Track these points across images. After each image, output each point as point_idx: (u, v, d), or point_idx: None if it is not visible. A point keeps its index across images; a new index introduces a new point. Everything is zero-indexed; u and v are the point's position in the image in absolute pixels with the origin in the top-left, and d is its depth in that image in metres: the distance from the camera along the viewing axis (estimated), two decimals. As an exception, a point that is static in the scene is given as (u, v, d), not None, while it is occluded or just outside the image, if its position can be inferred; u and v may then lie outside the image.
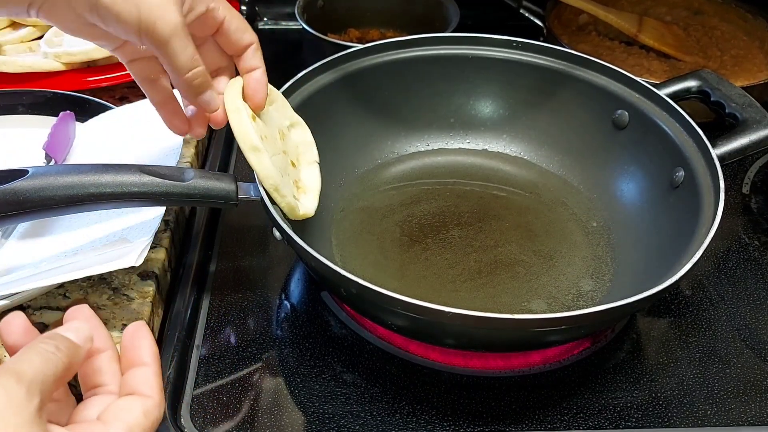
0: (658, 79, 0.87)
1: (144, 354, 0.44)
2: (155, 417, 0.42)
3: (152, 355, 0.44)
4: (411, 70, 0.75)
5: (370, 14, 1.02)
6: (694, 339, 0.63)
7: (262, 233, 0.71)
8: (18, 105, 0.76)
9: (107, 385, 0.43)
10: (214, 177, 0.57)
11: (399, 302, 0.50)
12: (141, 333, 0.45)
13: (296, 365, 0.59)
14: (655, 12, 1.04)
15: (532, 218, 0.71)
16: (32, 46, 0.86)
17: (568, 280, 0.65)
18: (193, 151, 0.77)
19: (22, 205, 0.51)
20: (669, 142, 0.66)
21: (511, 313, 0.49)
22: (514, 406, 0.57)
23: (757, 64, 0.94)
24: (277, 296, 0.66)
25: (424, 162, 0.77)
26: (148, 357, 0.44)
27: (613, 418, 0.56)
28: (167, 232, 0.66)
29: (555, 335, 0.56)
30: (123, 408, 0.41)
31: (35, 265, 0.59)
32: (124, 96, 0.84)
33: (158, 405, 0.42)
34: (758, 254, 0.72)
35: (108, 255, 0.57)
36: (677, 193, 0.64)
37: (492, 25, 0.86)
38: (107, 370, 0.44)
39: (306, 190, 0.61)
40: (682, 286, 0.68)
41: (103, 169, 0.54)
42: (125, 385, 0.43)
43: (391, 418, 0.56)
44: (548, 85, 0.75)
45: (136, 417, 0.40)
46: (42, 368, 0.37)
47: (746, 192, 0.79)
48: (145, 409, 0.41)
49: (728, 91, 0.69)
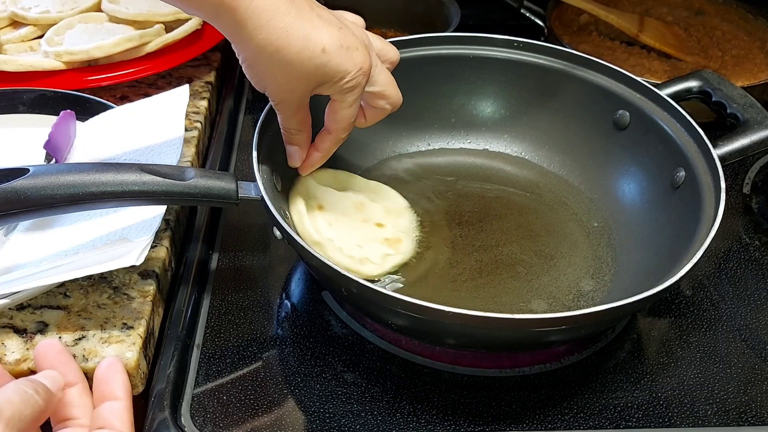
0: (659, 79, 0.87)
1: (116, 388, 0.44)
2: None
3: (125, 389, 0.45)
4: (412, 70, 0.75)
5: (371, 14, 1.01)
6: (695, 339, 0.63)
7: (263, 232, 0.71)
8: (18, 104, 0.76)
9: (78, 418, 0.44)
10: (214, 176, 0.57)
11: (399, 302, 0.50)
12: (115, 367, 0.46)
13: (297, 364, 0.59)
14: (656, 12, 1.04)
15: (532, 218, 0.71)
16: (33, 45, 0.86)
17: (569, 280, 0.65)
18: (194, 150, 0.77)
19: (23, 204, 0.52)
20: (670, 142, 0.66)
21: (512, 313, 0.49)
22: (514, 406, 0.57)
23: (758, 64, 0.94)
24: (278, 295, 0.66)
25: (425, 161, 0.77)
26: (121, 391, 0.44)
27: (613, 418, 0.56)
28: (168, 231, 0.66)
29: (555, 335, 0.56)
30: None
31: (36, 264, 0.59)
32: (124, 95, 0.84)
33: None
34: (759, 254, 0.72)
35: (109, 254, 0.57)
36: (678, 194, 0.64)
37: (493, 25, 0.86)
38: (78, 403, 0.44)
39: (400, 239, 0.64)
40: (683, 286, 0.68)
41: (104, 168, 0.54)
42: (97, 418, 0.43)
43: (392, 417, 0.56)
44: (549, 85, 0.75)
45: None
46: (21, 408, 0.38)
47: (747, 192, 0.79)
48: None
49: (729, 91, 0.69)
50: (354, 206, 0.66)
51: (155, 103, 0.72)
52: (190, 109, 0.81)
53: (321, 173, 0.66)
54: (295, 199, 0.63)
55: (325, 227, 0.63)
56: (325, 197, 0.66)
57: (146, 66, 0.82)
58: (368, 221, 0.65)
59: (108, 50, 0.80)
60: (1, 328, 0.57)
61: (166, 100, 0.72)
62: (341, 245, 0.62)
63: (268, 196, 0.57)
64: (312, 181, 0.65)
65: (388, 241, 0.64)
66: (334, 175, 0.68)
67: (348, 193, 0.67)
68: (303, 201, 0.63)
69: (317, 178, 0.66)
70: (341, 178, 0.68)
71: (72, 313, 0.58)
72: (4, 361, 0.55)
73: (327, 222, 0.64)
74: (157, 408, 0.54)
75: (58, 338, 0.56)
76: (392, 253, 0.63)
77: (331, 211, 0.65)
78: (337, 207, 0.65)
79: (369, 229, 0.65)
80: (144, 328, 0.58)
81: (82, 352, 0.55)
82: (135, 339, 0.57)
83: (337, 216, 0.64)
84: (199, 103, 0.84)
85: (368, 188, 0.69)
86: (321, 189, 0.66)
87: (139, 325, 0.58)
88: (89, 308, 0.59)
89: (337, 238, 0.63)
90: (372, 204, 0.67)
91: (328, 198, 0.66)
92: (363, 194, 0.68)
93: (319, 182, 0.66)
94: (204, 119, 0.83)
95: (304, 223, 0.62)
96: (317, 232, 0.62)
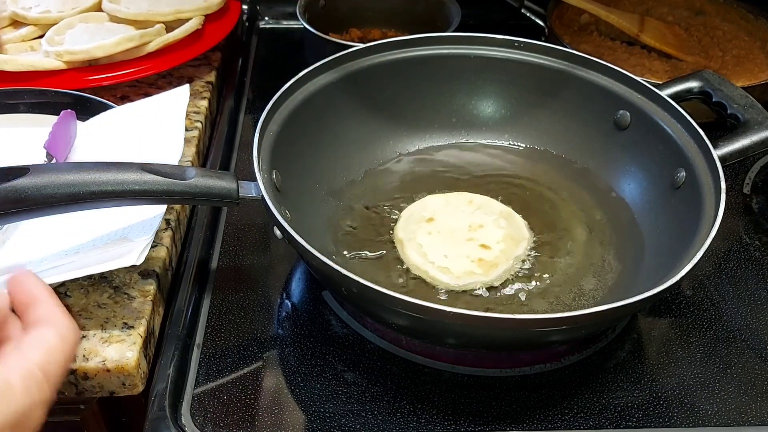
0: (660, 79, 0.87)
1: (35, 290, 0.43)
2: (72, 340, 0.41)
3: (44, 289, 0.43)
4: (412, 70, 0.75)
5: (372, 14, 1.02)
6: (695, 339, 0.63)
7: (263, 232, 0.71)
8: (19, 104, 0.76)
9: (12, 334, 0.42)
10: (215, 175, 0.57)
11: (400, 302, 0.50)
12: (24, 277, 0.44)
13: (297, 364, 0.59)
14: (656, 12, 1.04)
15: (533, 217, 0.71)
16: (33, 45, 0.86)
17: (570, 279, 0.65)
18: (195, 149, 0.77)
19: (24, 203, 0.51)
20: (670, 142, 0.66)
21: (512, 313, 0.49)
22: (515, 405, 0.57)
23: (759, 64, 0.94)
24: (278, 295, 0.66)
25: (426, 159, 0.77)
26: (41, 292, 0.43)
27: (613, 418, 0.56)
28: (168, 230, 0.66)
29: (556, 335, 0.56)
30: (36, 336, 0.40)
31: (36, 263, 0.59)
32: (125, 95, 0.84)
33: (71, 328, 0.41)
34: (759, 254, 0.72)
35: (109, 254, 0.57)
36: (678, 194, 0.64)
37: (493, 25, 0.86)
38: (5, 322, 0.42)
39: (497, 264, 0.64)
40: (683, 286, 0.68)
41: (105, 168, 0.54)
42: (28, 323, 0.41)
43: (392, 417, 0.56)
44: (550, 85, 0.75)
45: (51, 340, 0.40)
46: None
47: (747, 192, 0.79)
48: (60, 333, 0.40)
49: (730, 91, 0.69)
50: (468, 226, 0.67)
51: (156, 102, 0.72)
52: (191, 108, 0.81)
53: (456, 196, 0.71)
54: (412, 209, 0.69)
55: (422, 235, 0.66)
56: (441, 211, 0.69)
57: (147, 66, 0.82)
58: (474, 240, 0.66)
59: (109, 50, 0.80)
60: (2, 328, 0.57)
61: (167, 100, 0.72)
62: (428, 251, 0.65)
63: (269, 195, 0.57)
64: (441, 198, 0.71)
65: (482, 262, 0.64)
66: (471, 198, 0.71)
67: (475, 213, 0.69)
68: (418, 212, 0.69)
69: (450, 197, 0.71)
70: (477, 202, 0.71)
71: (72, 312, 0.58)
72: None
73: (427, 231, 0.67)
74: (157, 408, 0.54)
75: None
76: (479, 272, 0.63)
77: (439, 223, 0.68)
78: (448, 222, 0.68)
79: (468, 247, 0.65)
80: (144, 328, 0.58)
81: (83, 351, 0.55)
82: (135, 338, 0.57)
83: (441, 229, 0.67)
84: (200, 102, 0.84)
85: (500, 212, 0.69)
86: (446, 206, 0.70)
87: (140, 324, 0.58)
88: (90, 308, 0.59)
89: (426, 244, 0.65)
90: (492, 227, 0.68)
91: (443, 213, 0.69)
92: (491, 217, 0.69)
93: (451, 201, 0.70)
94: (204, 119, 0.83)
95: (396, 226, 0.68)
96: (407, 233, 0.66)
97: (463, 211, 0.69)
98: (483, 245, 0.65)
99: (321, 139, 0.71)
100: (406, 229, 0.67)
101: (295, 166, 0.66)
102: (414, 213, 0.69)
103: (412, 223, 0.68)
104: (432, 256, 0.64)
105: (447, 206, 0.70)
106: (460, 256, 0.65)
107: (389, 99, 0.76)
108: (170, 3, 0.88)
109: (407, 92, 0.76)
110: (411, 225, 0.68)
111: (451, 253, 0.65)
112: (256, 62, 1.00)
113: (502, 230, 0.67)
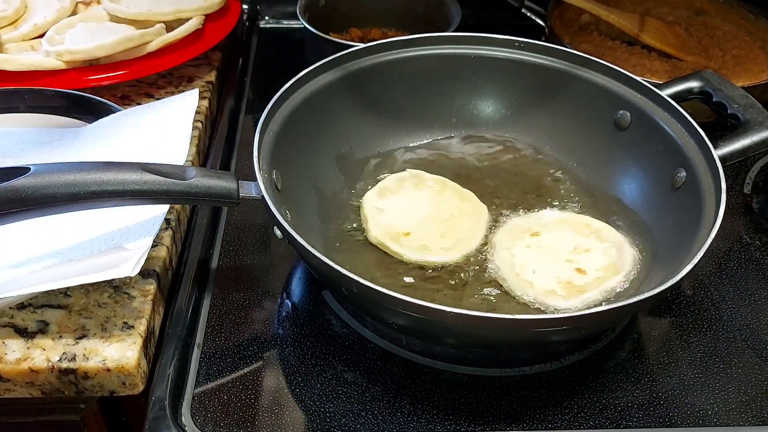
0: (660, 79, 0.87)
1: None
2: None
3: None
4: (413, 70, 0.75)
5: (372, 14, 1.02)
6: (695, 339, 0.63)
7: (264, 232, 0.71)
8: (19, 103, 0.76)
9: None
10: (215, 175, 0.57)
11: (400, 302, 0.50)
12: None
13: (297, 364, 0.59)
14: (656, 12, 1.04)
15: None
16: (34, 45, 0.86)
17: (570, 279, 0.65)
18: (195, 149, 0.77)
19: (24, 203, 0.51)
20: (671, 142, 0.66)
21: (512, 313, 0.49)
22: (515, 405, 0.57)
23: (759, 64, 0.94)
24: (279, 295, 0.66)
25: (427, 158, 0.77)
26: None
27: (614, 417, 0.56)
28: (169, 230, 0.66)
29: (556, 335, 0.56)
30: None
31: (32, 264, 0.58)
32: (125, 95, 0.84)
33: None
34: (759, 254, 0.72)
35: (104, 263, 0.57)
36: (679, 194, 0.64)
37: (494, 25, 0.86)
38: None
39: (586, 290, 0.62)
40: (684, 286, 0.68)
41: (105, 167, 0.54)
42: None
43: (392, 417, 0.56)
44: (550, 85, 0.75)
45: None
46: None
47: (747, 192, 0.79)
48: None
49: (730, 91, 0.69)
50: (573, 248, 0.65)
51: (164, 106, 0.72)
52: (191, 108, 0.81)
53: (574, 218, 0.69)
54: (520, 222, 0.68)
55: (521, 247, 0.65)
56: (552, 227, 0.67)
57: (147, 65, 0.82)
58: (572, 262, 0.64)
59: (109, 49, 0.80)
60: (2, 327, 0.57)
61: (176, 104, 0.72)
62: (516, 262, 0.64)
63: (269, 195, 0.57)
64: (555, 214, 0.69)
65: (569, 285, 0.62)
66: (589, 222, 0.68)
67: (589, 237, 0.66)
68: (525, 230, 0.67)
69: (569, 219, 0.69)
70: (595, 227, 0.68)
71: (73, 312, 0.58)
72: (5, 360, 0.55)
73: (526, 245, 0.65)
74: (157, 407, 0.54)
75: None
76: (561, 294, 0.61)
77: (543, 239, 0.66)
78: (550, 240, 0.66)
79: (563, 266, 0.63)
80: (144, 328, 0.58)
81: (83, 351, 0.55)
82: (135, 338, 0.57)
83: (542, 244, 0.65)
84: (200, 102, 0.84)
85: (613, 242, 0.66)
86: (560, 223, 0.68)
87: (140, 324, 0.58)
88: (90, 307, 0.59)
89: (519, 256, 0.64)
90: (599, 254, 0.65)
91: (553, 229, 0.67)
92: (603, 245, 0.66)
93: (567, 220, 0.68)
94: (205, 119, 0.83)
95: (498, 231, 0.67)
96: (500, 242, 0.66)
97: (576, 233, 0.67)
98: (579, 269, 0.63)
99: (321, 139, 0.71)
100: (507, 236, 0.66)
101: (296, 166, 0.66)
102: (521, 224, 0.68)
103: (516, 233, 0.67)
104: (519, 267, 0.63)
105: (561, 224, 0.68)
106: (548, 272, 0.63)
107: (389, 99, 0.76)
108: (171, 3, 0.88)
109: (407, 92, 0.76)
110: (515, 233, 0.67)
111: (541, 269, 0.63)
112: (256, 62, 1.00)
113: (607, 259, 0.64)
